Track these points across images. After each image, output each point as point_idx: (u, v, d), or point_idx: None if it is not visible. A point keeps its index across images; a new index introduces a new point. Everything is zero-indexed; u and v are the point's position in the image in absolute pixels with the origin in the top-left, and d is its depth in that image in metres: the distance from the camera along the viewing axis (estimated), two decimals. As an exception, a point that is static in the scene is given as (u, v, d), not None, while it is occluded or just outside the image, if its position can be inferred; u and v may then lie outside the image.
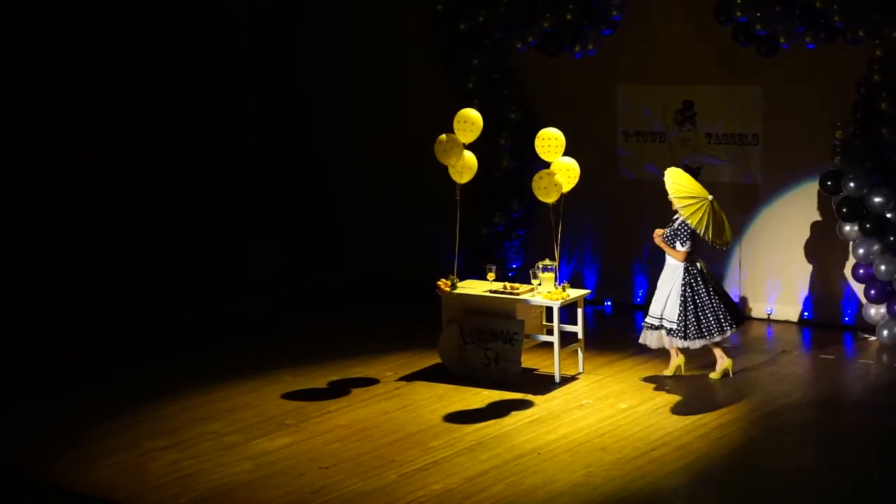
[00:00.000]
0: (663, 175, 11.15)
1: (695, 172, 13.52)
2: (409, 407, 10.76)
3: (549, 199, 11.38)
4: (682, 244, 11.15)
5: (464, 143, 11.76)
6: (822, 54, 12.56)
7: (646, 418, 10.30)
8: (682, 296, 11.15)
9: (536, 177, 11.42)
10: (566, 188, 11.42)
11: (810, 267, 13.11)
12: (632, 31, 13.66)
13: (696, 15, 13.21)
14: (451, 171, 11.80)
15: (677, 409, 10.49)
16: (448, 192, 11.93)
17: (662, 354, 12.14)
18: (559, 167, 11.44)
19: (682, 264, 11.19)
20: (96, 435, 10.24)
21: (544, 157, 11.58)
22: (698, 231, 10.94)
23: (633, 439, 9.81)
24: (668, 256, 11.32)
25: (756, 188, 13.32)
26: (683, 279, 11.16)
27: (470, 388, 11.17)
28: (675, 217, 11.23)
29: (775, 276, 13.30)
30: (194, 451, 9.83)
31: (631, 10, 13.57)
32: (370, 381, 11.47)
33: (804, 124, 12.92)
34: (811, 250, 13.10)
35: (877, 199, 12.08)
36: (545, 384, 11.25)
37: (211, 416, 10.62)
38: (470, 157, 11.82)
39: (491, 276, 11.68)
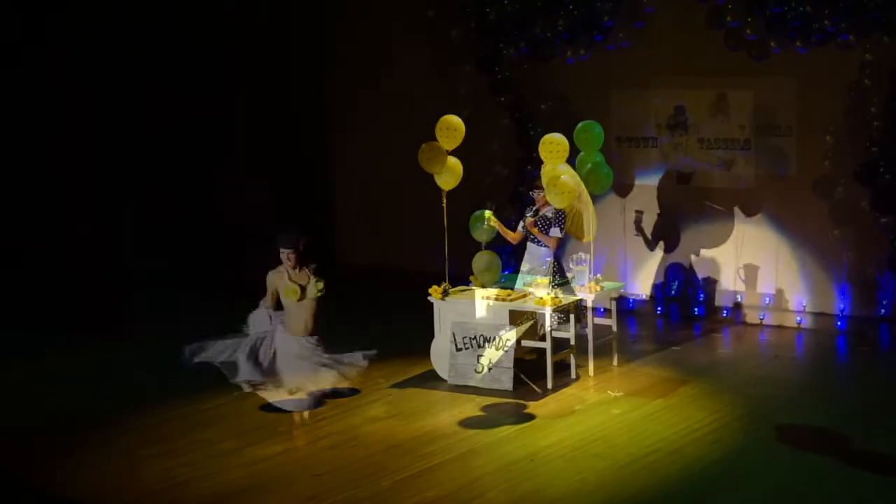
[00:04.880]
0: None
1: (686, 178, 13.56)
2: (402, 414, 10.75)
3: (563, 203, 11.36)
4: (561, 230, 11.65)
5: (447, 150, 11.73)
6: (814, 58, 12.59)
7: (638, 424, 10.30)
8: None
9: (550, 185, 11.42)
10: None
11: (803, 271, 13.13)
12: (624, 37, 13.67)
13: (688, 20, 13.24)
14: (436, 178, 11.78)
15: (669, 415, 10.49)
16: (441, 197, 11.92)
17: (655, 361, 12.17)
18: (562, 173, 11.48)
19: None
20: (88, 442, 10.21)
21: (549, 161, 11.60)
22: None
23: (625, 445, 9.81)
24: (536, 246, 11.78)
25: (748, 192, 13.33)
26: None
27: (462, 395, 11.16)
28: (538, 207, 11.66)
29: (769, 281, 13.31)
30: (188, 458, 9.80)
31: (623, 16, 13.59)
32: (363, 389, 11.46)
33: (796, 128, 12.94)
34: (803, 254, 13.12)
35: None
36: (538, 390, 11.24)
37: (204, 424, 10.60)
38: (455, 164, 11.79)
39: (488, 212, 11.91)
